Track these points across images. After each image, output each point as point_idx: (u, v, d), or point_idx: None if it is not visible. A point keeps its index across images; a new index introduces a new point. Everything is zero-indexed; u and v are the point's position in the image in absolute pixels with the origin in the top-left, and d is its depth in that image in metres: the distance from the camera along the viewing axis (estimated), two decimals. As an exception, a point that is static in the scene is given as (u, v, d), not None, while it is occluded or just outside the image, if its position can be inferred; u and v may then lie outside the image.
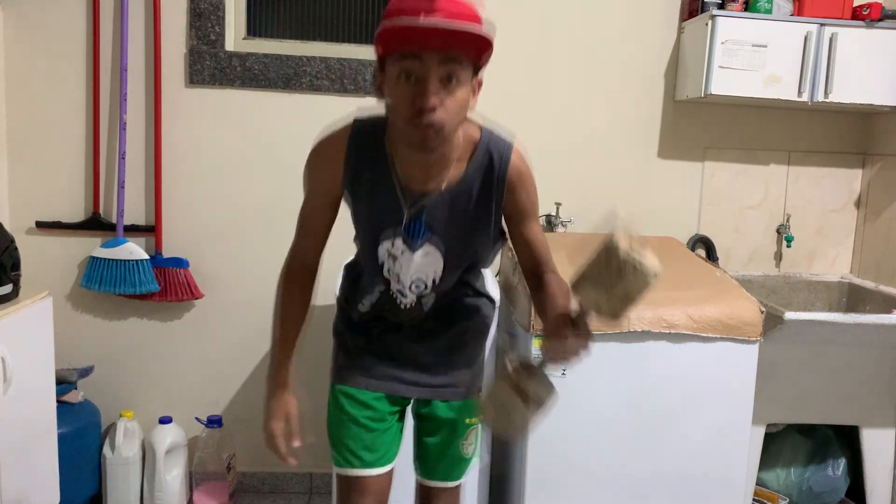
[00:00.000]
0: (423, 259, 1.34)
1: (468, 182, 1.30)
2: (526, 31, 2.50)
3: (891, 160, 2.57)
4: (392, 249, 1.34)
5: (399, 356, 1.45)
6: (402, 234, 1.32)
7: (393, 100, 1.18)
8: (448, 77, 1.14)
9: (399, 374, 1.45)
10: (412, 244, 1.33)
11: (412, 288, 1.38)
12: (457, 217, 1.32)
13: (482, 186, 1.31)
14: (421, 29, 1.09)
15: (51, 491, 2.16)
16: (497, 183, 1.31)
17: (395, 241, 1.33)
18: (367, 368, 1.45)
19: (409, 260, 1.34)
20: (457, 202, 1.31)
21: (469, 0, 1.16)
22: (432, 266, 1.36)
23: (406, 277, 1.36)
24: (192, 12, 2.40)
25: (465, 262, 1.39)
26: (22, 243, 2.12)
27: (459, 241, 1.34)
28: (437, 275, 1.37)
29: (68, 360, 2.43)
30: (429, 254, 1.34)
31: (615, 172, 2.60)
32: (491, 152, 1.30)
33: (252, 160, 2.46)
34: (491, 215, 1.33)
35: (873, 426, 2.37)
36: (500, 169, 1.30)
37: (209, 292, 2.49)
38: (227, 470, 2.46)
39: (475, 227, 1.34)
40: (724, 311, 1.92)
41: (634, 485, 1.96)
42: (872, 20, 2.33)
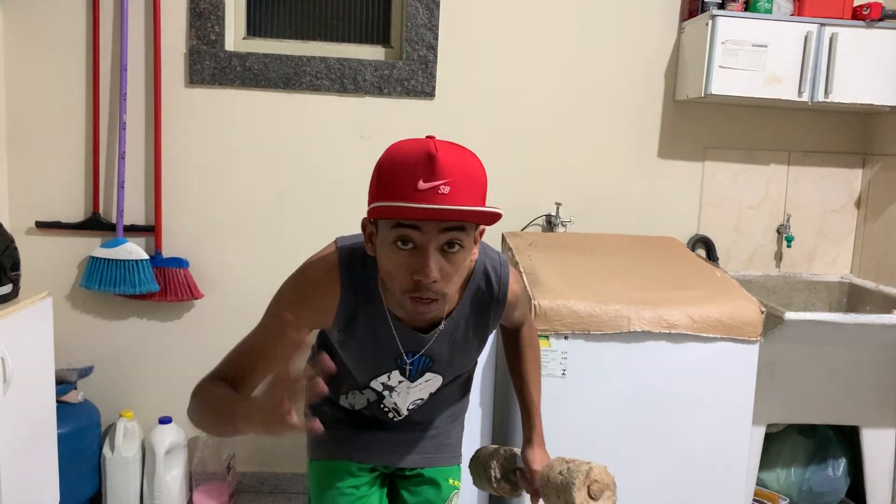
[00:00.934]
0: (421, 388, 1.31)
1: (465, 310, 1.23)
2: (526, 30, 2.50)
3: (891, 160, 2.57)
4: (388, 382, 1.28)
5: (384, 430, 1.40)
6: (401, 367, 1.25)
7: (387, 265, 1.06)
8: (450, 243, 1.03)
9: (384, 443, 1.40)
10: (412, 377, 1.27)
11: (409, 408, 1.35)
12: (457, 346, 1.26)
13: (480, 312, 1.25)
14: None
15: (51, 491, 2.16)
16: (496, 308, 1.26)
17: (392, 374, 1.26)
18: (350, 440, 1.37)
19: (406, 390, 1.30)
20: (456, 332, 1.24)
21: (468, 156, 1.03)
22: (429, 390, 1.33)
23: (403, 405, 1.34)
24: (192, 12, 2.40)
25: (461, 374, 1.38)
26: (22, 243, 2.12)
27: (459, 362, 1.31)
28: (433, 391, 1.34)
29: (68, 360, 2.43)
30: (429, 381, 1.30)
31: (615, 172, 2.60)
32: (488, 276, 1.23)
33: (252, 160, 2.46)
34: (487, 334, 1.29)
35: (873, 426, 2.37)
36: (499, 294, 1.24)
37: (209, 292, 2.49)
38: (227, 470, 2.45)
39: (472, 346, 1.29)
40: (724, 311, 1.92)
41: (635, 484, 1.96)
42: (872, 20, 2.33)
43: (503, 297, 1.24)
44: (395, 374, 1.26)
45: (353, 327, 1.19)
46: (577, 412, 1.91)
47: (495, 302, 1.24)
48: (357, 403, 1.36)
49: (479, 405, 2.04)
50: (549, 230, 2.56)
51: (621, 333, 1.88)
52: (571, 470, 1.33)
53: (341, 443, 1.39)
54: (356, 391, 1.35)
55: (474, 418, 2.03)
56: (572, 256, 2.22)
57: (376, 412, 1.37)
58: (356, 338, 1.21)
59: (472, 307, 1.24)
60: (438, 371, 1.29)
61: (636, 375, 1.92)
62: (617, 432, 1.94)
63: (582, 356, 1.90)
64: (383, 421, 1.39)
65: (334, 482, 1.38)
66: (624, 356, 1.91)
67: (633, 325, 1.88)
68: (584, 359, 1.90)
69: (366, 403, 1.36)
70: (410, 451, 1.42)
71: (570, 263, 2.15)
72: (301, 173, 2.48)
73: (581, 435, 1.93)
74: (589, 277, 2.05)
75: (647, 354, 1.91)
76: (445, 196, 0.98)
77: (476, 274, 1.22)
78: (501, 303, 1.25)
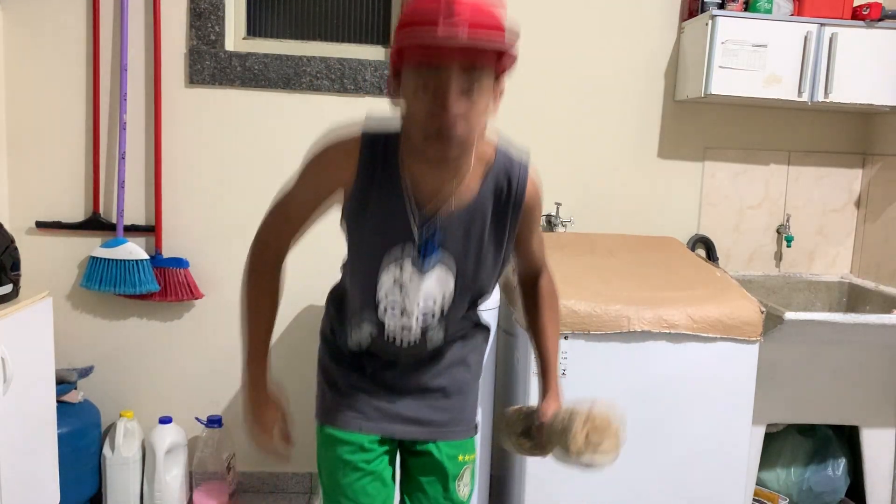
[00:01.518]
0: (433, 284, 1.26)
1: (482, 201, 1.24)
2: (526, 30, 2.50)
3: (891, 160, 2.57)
4: (399, 275, 1.25)
5: (395, 393, 1.36)
6: (413, 255, 1.24)
7: (410, 112, 1.12)
8: (469, 87, 1.08)
9: (396, 412, 1.35)
10: (422, 266, 1.25)
11: (419, 320, 1.29)
12: (471, 237, 1.25)
13: (496, 207, 1.25)
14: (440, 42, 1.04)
15: (51, 491, 2.16)
16: (514, 206, 1.26)
17: (404, 264, 1.25)
18: (360, 409, 1.34)
19: (417, 286, 1.26)
20: (471, 221, 1.24)
21: (490, 2, 1.10)
22: (442, 291, 1.28)
23: (414, 306, 1.27)
24: (192, 12, 2.40)
25: (474, 288, 1.31)
26: (22, 243, 2.12)
27: (472, 263, 1.27)
28: (446, 302, 1.29)
29: (68, 360, 2.43)
30: (440, 278, 1.27)
31: (615, 172, 2.60)
32: (508, 173, 1.25)
33: (252, 160, 2.46)
34: (504, 237, 1.28)
35: (873, 426, 2.37)
36: (517, 192, 1.25)
37: (209, 292, 2.49)
38: (226, 470, 2.46)
39: (488, 249, 1.28)
40: (724, 311, 1.92)
41: (634, 484, 1.96)
42: (872, 20, 2.33)
43: (521, 195, 1.25)
44: (407, 264, 1.25)
45: (368, 197, 1.22)
46: (577, 412, 1.91)
47: (514, 201, 1.25)
48: (361, 340, 1.33)
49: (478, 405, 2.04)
50: (549, 230, 2.56)
51: (621, 333, 1.88)
52: (572, 414, 1.24)
53: (351, 411, 1.35)
54: (365, 316, 1.30)
55: (474, 418, 2.03)
56: (572, 256, 2.22)
57: (382, 347, 1.32)
58: (370, 212, 1.23)
59: (489, 200, 1.24)
60: (449, 267, 1.26)
61: (636, 375, 1.92)
62: (617, 432, 1.94)
63: (582, 356, 1.90)
64: (391, 362, 1.35)
65: (345, 455, 1.35)
66: (624, 356, 1.91)
67: (633, 325, 1.88)
68: (584, 359, 1.90)
69: (369, 340, 1.32)
70: (422, 420, 1.37)
71: (570, 263, 2.15)
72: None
73: (581, 435, 1.92)
74: (589, 277, 2.05)
75: (647, 354, 1.91)
76: (464, 33, 1.04)
77: (497, 165, 1.24)
78: (520, 198, 1.25)
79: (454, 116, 1.07)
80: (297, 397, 2.01)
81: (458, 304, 1.31)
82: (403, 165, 1.21)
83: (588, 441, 1.20)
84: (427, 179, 1.21)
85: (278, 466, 2.59)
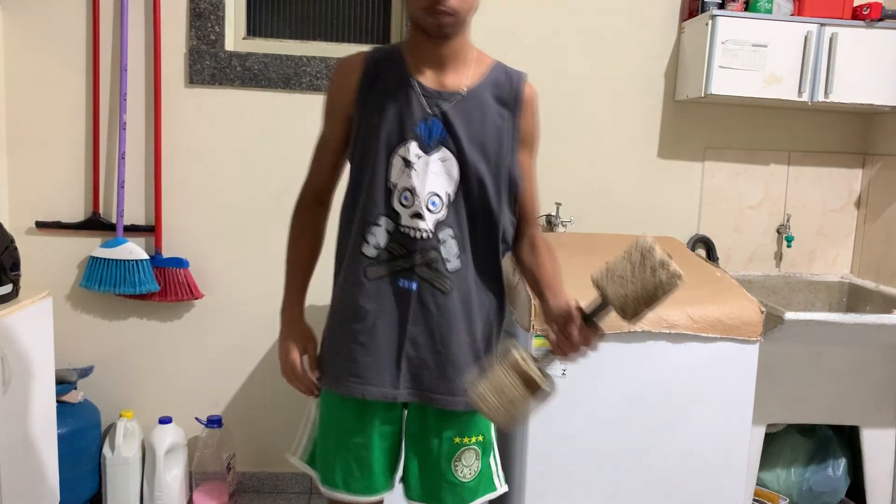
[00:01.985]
0: (439, 166, 1.31)
1: (484, 90, 1.34)
2: (526, 31, 2.50)
3: (891, 160, 2.57)
4: (408, 156, 1.30)
5: (398, 341, 1.34)
6: (419, 135, 1.31)
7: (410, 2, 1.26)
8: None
9: (393, 370, 1.34)
10: (428, 146, 1.31)
11: (430, 205, 1.31)
12: (473, 122, 1.32)
13: (498, 98, 1.35)
14: None
15: (51, 491, 2.16)
16: (513, 98, 1.36)
17: (410, 145, 1.30)
18: (356, 370, 1.34)
19: (424, 167, 1.30)
20: (474, 107, 1.33)
21: None
22: (447, 176, 1.31)
23: (422, 189, 1.30)
24: (192, 12, 2.40)
25: (480, 183, 1.32)
26: (22, 243, 2.12)
27: (476, 151, 1.31)
28: (452, 190, 1.32)
29: (68, 360, 2.43)
30: (445, 160, 1.31)
31: (615, 172, 2.60)
32: (507, 73, 1.37)
33: (252, 160, 2.46)
34: (506, 131, 1.35)
35: (873, 426, 2.37)
36: (516, 85, 1.36)
37: (209, 292, 2.49)
38: (227, 470, 2.46)
39: (491, 139, 1.33)
40: (724, 311, 1.92)
41: (634, 484, 1.96)
42: (872, 20, 2.33)
43: (519, 88, 1.36)
44: (413, 146, 1.31)
45: (375, 88, 1.33)
46: (576, 412, 1.91)
47: (513, 93, 1.36)
48: (378, 240, 1.32)
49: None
50: (549, 230, 2.56)
51: (621, 333, 1.88)
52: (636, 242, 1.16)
53: (348, 366, 1.35)
54: (380, 211, 1.32)
55: (474, 418, 2.03)
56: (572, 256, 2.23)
57: (398, 244, 1.32)
58: (377, 100, 1.32)
59: (492, 95, 1.34)
60: (453, 150, 1.31)
61: (636, 375, 1.92)
62: (617, 432, 1.94)
63: (582, 356, 1.89)
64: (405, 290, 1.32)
65: (341, 423, 1.39)
66: (624, 356, 1.91)
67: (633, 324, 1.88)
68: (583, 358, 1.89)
69: (386, 237, 1.32)
70: (418, 376, 1.34)
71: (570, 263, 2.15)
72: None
73: (581, 435, 1.93)
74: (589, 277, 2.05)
75: (647, 354, 1.91)
76: None
77: (496, 68, 1.37)
78: (518, 95, 1.36)
79: (452, 4, 1.21)
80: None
81: (469, 207, 1.33)
82: (407, 60, 1.34)
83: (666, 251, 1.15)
84: (431, 65, 1.32)
85: (279, 466, 2.59)
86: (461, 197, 1.32)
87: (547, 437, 1.91)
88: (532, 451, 1.93)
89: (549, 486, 1.96)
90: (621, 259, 1.17)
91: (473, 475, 1.41)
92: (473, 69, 1.35)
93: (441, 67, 1.33)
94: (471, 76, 1.34)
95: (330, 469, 1.41)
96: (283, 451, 2.56)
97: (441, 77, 1.33)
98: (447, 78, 1.33)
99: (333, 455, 1.41)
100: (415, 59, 1.33)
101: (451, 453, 1.39)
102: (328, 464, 1.42)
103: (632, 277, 1.15)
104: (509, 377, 1.18)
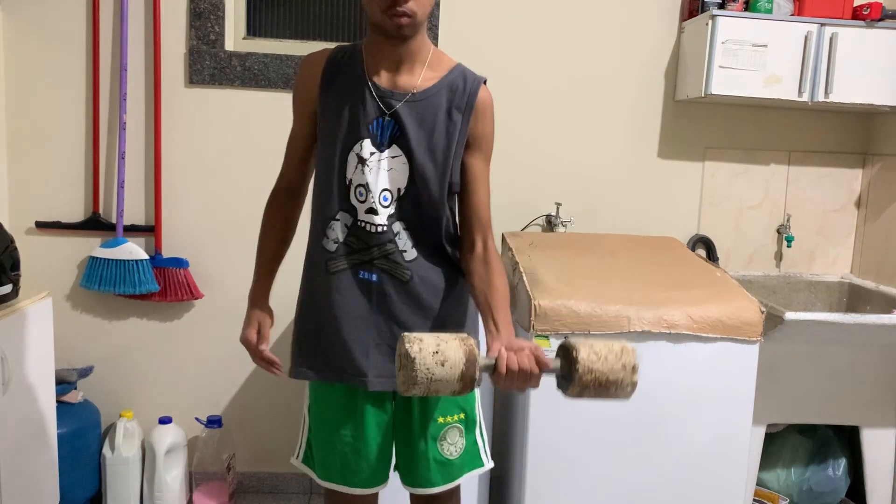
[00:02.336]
0: (391, 163, 1.36)
1: (437, 94, 1.37)
2: (526, 30, 2.50)
3: (891, 160, 2.57)
4: (362, 153, 1.36)
5: (364, 330, 1.39)
6: (373, 133, 1.35)
7: (367, 2, 1.30)
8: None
9: (363, 359, 1.38)
10: (381, 144, 1.36)
11: (382, 200, 1.36)
12: (424, 125, 1.36)
13: (451, 101, 1.37)
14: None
15: (51, 491, 2.16)
16: (466, 102, 1.38)
17: (364, 143, 1.36)
18: (327, 359, 1.41)
19: (377, 164, 1.36)
20: (426, 107, 1.36)
21: None
22: (398, 175, 1.37)
23: (375, 186, 1.36)
24: (192, 12, 2.40)
25: (427, 181, 1.36)
26: (22, 243, 2.12)
27: (424, 152, 1.36)
28: (403, 185, 1.37)
29: (68, 360, 2.43)
30: (396, 157, 1.36)
31: (615, 172, 2.60)
32: (465, 76, 1.40)
33: (252, 160, 2.46)
34: (454, 137, 1.37)
35: (873, 426, 2.37)
36: (471, 90, 1.38)
37: (209, 292, 2.49)
38: (227, 470, 2.46)
39: (440, 140, 1.37)
40: (724, 311, 1.92)
41: (634, 485, 1.96)
42: (872, 20, 2.33)
43: (474, 92, 1.38)
44: (367, 143, 1.36)
45: (334, 86, 1.38)
46: (576, 412, 1.91)
47: (467, 98, 1.38)
48: (337, 234, 1.39)
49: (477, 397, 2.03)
50: (549, 230, 2.56)
51: (621, 333, 1.88)
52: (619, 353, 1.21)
53: (317, 353, 1.42)
54: (339, 206, 1.38)
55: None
56: (572, 256, 2.22)
57: (356, 238, 1.38)
58: (335, 97, 1.38)
59: (445, 98, 1.37)
60: (405, 148, 1.36)
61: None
62: (616, 432, 1.94)
63: (582, 356, 1.89)
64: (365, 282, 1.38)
65: (332, 416, 1.43)
66: (624, 356, 1.91)
67: (633, 325, 1.88)
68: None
69: (344, 231, 1.38)
70: (391, 359, 1.38)
71: (570, 263, 2.16)
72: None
73: (581, 435, 1.93)
74: (589, 277, 2.05)
75: (648, 354, 1.91)
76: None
77: (454, 71, 1.40)
78: (472, 99, 1.38)
79: (409, 5, 1.26)
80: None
81: (416, 202, 1.38)
82: (366, 59, 1.38)
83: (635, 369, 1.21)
84: (386, 66, 1.36)
85: (279, 466, 2.59)
86: (410, 192, 1.38)
87: (547, 437, 1.90)
88: (532, 451, 1.93)
89: (549, 485, 1.96)
90: (604, 342, 1.23)
91: (459, 452, 1.47)
92: (429, 70, 1.38)
93: (396, 67, 1.37)
94: (425, 77, 1.38)
95: (326, 463, 1.45)
96: (283, 451, 2.57)
97: (395, 77, 1.37)
98: (401, 78, 1.37)
99: (329, 449, 1.44)
100: (372, 59, 1.38)
101: (436, 433, 1.44)
102: (324, 458, 1.45)
103: (605, 359, 1.20)
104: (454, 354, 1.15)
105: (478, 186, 1.42)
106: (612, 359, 1.20)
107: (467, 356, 1.15)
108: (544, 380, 1.22)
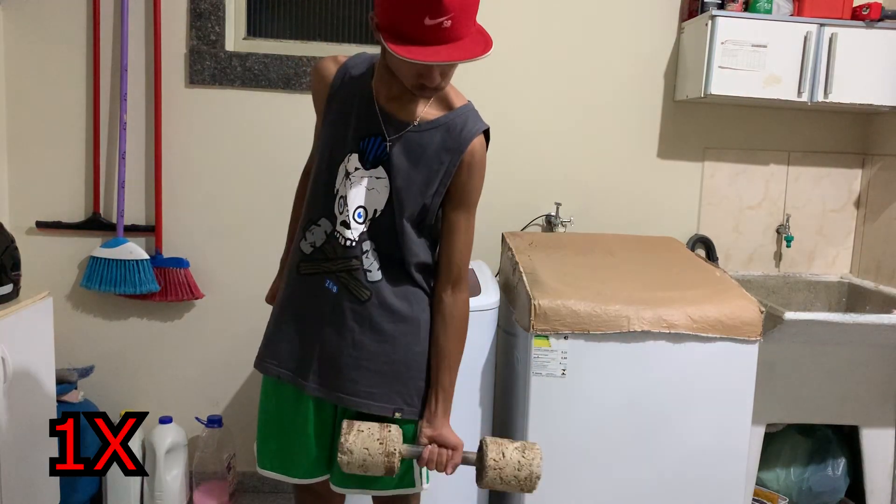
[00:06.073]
0: (373, 182, 1.37)
1: (431, 131, 1.37)
2: (526, 30, 2.51)
3: (890, 160, 2.57)
4: (348, 166, 1.38)
5: (315, 338, 1.42)
6: (363, 149, 1.37)
7: (397, 69, 1.29)
8: (451, 66, 1.28)
9: (308, 363, 1.42)
10: (367, 162, 1.37)
11: (356, 217, 1.37)
12: (412, 155, 1.37)
13: (443, 143, 1.37)
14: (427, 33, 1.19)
15: (51, 491, 2.16)
16: (456, 149, 1.37)
17: (352, 157, 1.38)
18: (277, 353, 1.45)
19: (359, 181, 1.37)
20: (417, 141, 1.37)
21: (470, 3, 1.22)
22: (377, 195, 1.38)
23: (352, 201, 1.37)
24: (192, 12, 2.40)
25: (403, 209, 1.38)
26: (22, 243, 2.12)
27: (405, 182, 1.37)
28: (380, 207, 1.38)
29: (68, 360, 2.43)
30: (380, 179, 1.37)
31: (615, 172, 2.60)
32: (466, 120, 1.39)
33: (252, 160, 2.46)
34: (440, 173, 1.37)
35: (873, 426, 2.37)
36: (466, 136, 1.37)
37: (209, 292, 2.49)
38: (227, 470, 2.46)
39: (422, 177, 1.37)
40: (724, 311, 1.92)
41: (634, 485, 1.96)
42: (872, 20, 2.33)
43: (467, 139, 1.37)
44: (354, 158, 1.38)
45: (340, 94, 1.40)
46: (576, 412, 1.91)
47: (459, 144, 1.37)
48: (315, 238, 1.42)
49: (478, 405, 2.04)
50: (549, 230, 2.56)
51: (621, 333, 1.88)
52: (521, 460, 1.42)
53: (273, 352, 1.46)
54: (324, 210, 1.41)
55: (474, 419, 2.03)
56: (572, 256, 2.23)
57: (329, 245, 1.40)
58: (339, 106, 1.40)
59: (440, 136, 1.37)
60: (388, 172, 1.37)
61: (636, 375, 1.92)
62: (617, 432, 1.94)
63: (582, 356, 1.90)
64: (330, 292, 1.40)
65: (271, 407, 1.49)
66: (624, 356, 1.91)
67: (633, 324, 1.88)
68: (583, 359, 1.90)
69: (323, 237, 1.40)
70: (353, 374, 1.41)
71: (570, 263, 2.16)
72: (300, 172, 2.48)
73: (580, 435, 1.93)
74: (589, 277, 2.05)
75: (647, 354, 1.91)
76: (449, 30, 1.19)
77: (459, 112, 1.39)
78: (463, 146, 1.37)
79: (438, 85, 1.28)
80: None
81: (390, 227, 1.39)
82: (376, 77, 1.38)
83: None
84: (392, 91, 1.36)
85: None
86: (385, 214, 1.39)
87: (547, 437, 1.90)
88: (532, 451, 1.93)
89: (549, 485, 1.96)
90: (516, 444, 1.43)
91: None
92: (435, 104, 1.39)
93: (401, 95, 1.36)
94: (429, 111, 1.38)
95: (266, 451, 1.49)
96: (283, 450, 2.57)
97: (398, 103, 1.37)
98: (404, 106, 1.37)
99: (273, 439, 1.48)
100: (382, 82, 1.37)
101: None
102: (266, 447, 1.49)
103: (509, 457, 1.40)
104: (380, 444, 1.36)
105: (454, 237, 1.41)
106: (514, 461, 1.39)
107: (386, 454, 1.36)
108: (545, 380, 1.31)
